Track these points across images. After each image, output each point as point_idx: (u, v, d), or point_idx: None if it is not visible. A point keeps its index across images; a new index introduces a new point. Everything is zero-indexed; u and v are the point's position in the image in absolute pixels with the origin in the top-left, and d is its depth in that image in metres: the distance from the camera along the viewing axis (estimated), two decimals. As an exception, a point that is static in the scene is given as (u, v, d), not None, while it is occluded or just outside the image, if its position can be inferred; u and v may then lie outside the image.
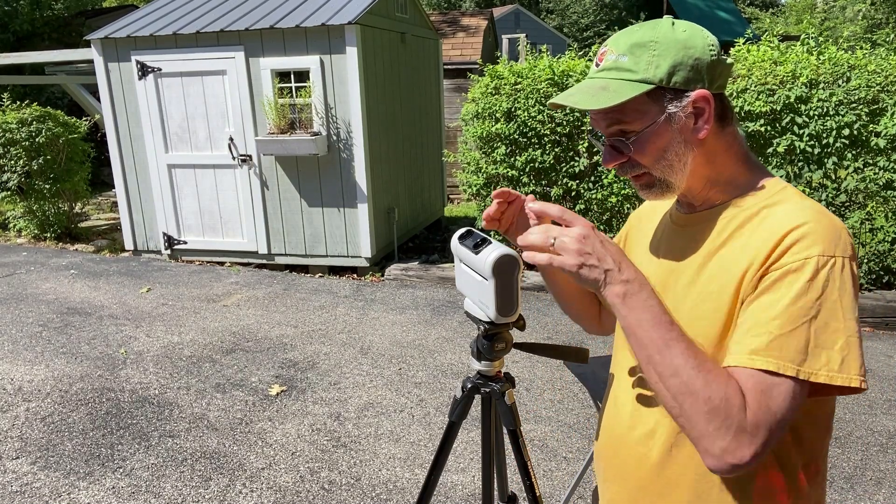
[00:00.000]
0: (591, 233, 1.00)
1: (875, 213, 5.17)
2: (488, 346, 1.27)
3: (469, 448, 3.35)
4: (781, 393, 0.93)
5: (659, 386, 0.98)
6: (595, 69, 1.09)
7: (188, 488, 3.05)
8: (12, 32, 13.28)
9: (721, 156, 1.09)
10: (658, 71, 1.02)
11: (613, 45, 1.07)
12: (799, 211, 1.01)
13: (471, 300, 1.27)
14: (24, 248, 7.78)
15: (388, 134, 6.82)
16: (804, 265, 0.95)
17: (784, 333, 0.94)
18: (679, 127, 1.04)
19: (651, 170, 1.07)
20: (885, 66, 4.99)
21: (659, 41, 1.03)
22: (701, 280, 1.07)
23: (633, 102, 1.02)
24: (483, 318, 1.24)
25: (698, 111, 1.04)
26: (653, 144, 1.05)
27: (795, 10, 25.96)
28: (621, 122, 1.05)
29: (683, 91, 1.03)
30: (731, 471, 0.94)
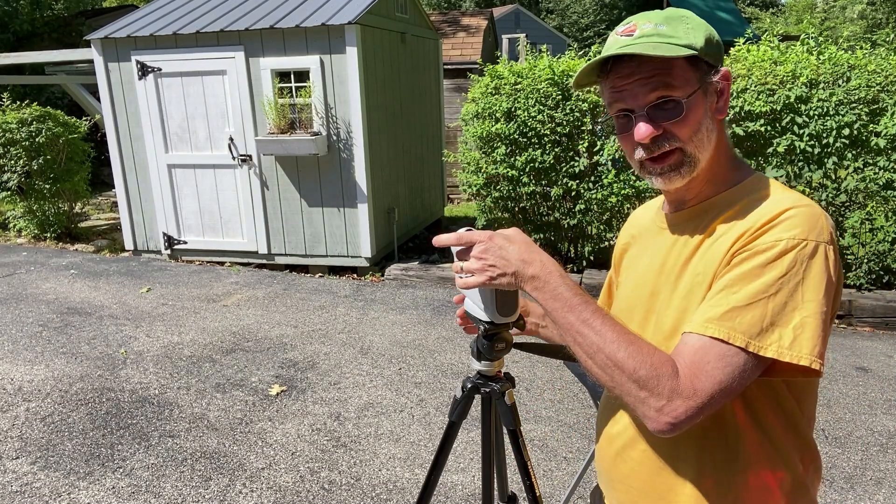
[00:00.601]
0: (489, 242, 1.03)
1: (875, 213, 5.17)
2: (488, 346, 1.28)
3: (469, 448, 3.35)
4: (724, 359, 0.95)
5: (588, 363, 1.00)
6: (627, 39, 1.06)
7: (188, 488, 3.05)
8: (12, 32, 13.28)
9: (719, 145, 1.11)
10: (697, 40, 1.04)
11: (644, 19, 1.08)
12: (781, 200, 1.03)
13: (470, 300, 1.27)
14: (24, 248, 7.78)
15: (388, 134, 6.82)
16: (773, 246, 0.97)
17: (741, 306, 0.96)
18: (709, 103, 1.07)
19: (686, 143, 1.06)
20: (885, 66, 4.99)
21: (689, 17, 1.07)
22: (688, 272, 1.09)
23: (679, 67, 1.03)
24: (483, 319, 1.24)
25: (722, 89, 1.07)
26: (694, 114, 1.05)
27: (795, 10, 25.96)
28: (669, 85, 1.03)
29: (713, 66, 1.07)
30: (670, 430, 0.96)
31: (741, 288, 0.97)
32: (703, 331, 0.97)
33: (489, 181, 5.93)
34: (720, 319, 0.96)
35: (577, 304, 1.01)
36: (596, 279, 5.72)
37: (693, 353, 0.97)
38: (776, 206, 1.01)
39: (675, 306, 1.09)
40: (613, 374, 0.97)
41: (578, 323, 1.00)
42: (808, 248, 0.97)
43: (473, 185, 5.97)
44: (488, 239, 1.04)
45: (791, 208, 1.00)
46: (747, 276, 0.97)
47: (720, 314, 0.97)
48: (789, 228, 0.97)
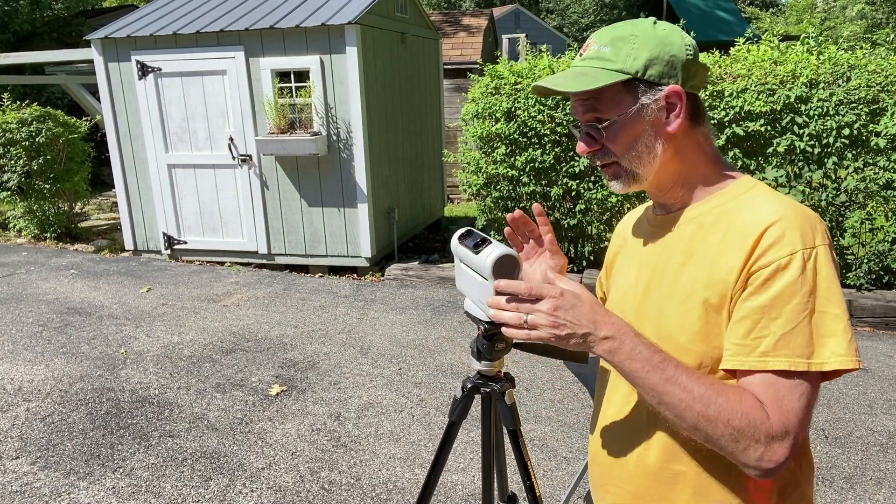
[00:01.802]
0: (561, 300, 1.01)
1: (875, 213, 5.17)
2: (488, 346, 1.27)
3: (469, 448, 3.35)
4: (797, 389, 0.97)
5: (677, 423, 1.00)
6: (579, 59, 1.13)
7: (188, 488, 3.05)
8: (12, 32, 13.28)
9: (692, 153, 1.12)
10: (635, 63, 1.06)
11: (597, 38, 1.12)
12: (772, 206, 1.04)
13: (471, 300, 1.27)
14: (24, 248, 7.78)
15: (388, 134, 6.82)
16: (791, 261, 0.98)
17: (788, 331, 0.97)
18: (651, 119, 1.08)
19: (620, 159, 1.10)
20: (885, 66, 4.99)
21: (638, 35, 1.08)
22: (683, 279, 1.09)
23: (608, 91, 1.07)
24: (483, 319, 1.24)
25: (670, 106, 1.08)
26: (624, 134, 1.08)
27: (795, 10, 25.96)
28: (597, 109, 1.09)
29: (657, 84, 1.07)
30: (772, 473, 0.97)
31: (779, 313, 0.97)
32: (764, 366, 0.97)
33: (489, 181, 5.93)
34: (775, 350, 0.97)
35: (658, 362, 1.00)
36: (596, 279, 5.72)
37: (765, 392, 0.98)
38: (770, 214, 1.02)
39: (674, 311, 1.09)
40: (707, 430, 0.97)
41: (662, 382, 0.99)
42: (820, 255, 0.99)
43: (473, 185, 5.97)
44: (559, 295, 1.01)
45: (785, 216, 1.01)
46: (779, 299, 0.98)
47: (773, 345, 0.97)
48: (795, 238, 0.99)
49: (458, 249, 1.27)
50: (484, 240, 1.22)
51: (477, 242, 1.21)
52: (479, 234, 1.25)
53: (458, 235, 1.28)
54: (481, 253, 1.19)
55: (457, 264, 1.31)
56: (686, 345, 1.07)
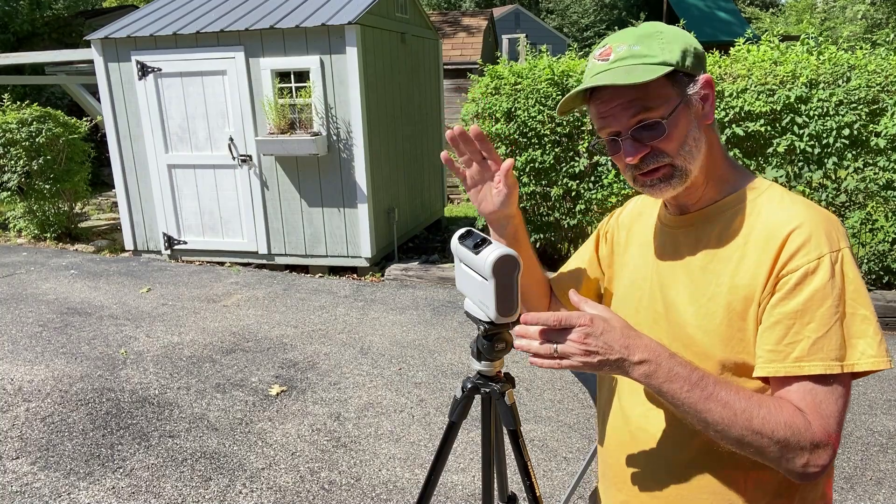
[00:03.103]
0: (591, 327, 0.98)
1: (875, 213, 5.17)
2: (488, 346, 1.27)
3: (469, 448, 3.35)
4: (834, 393, 0.98)
5: (719, 438, 0.99)
6: (604, 63, 1.08)
7: (188, 488, 3.05)
8: (12, 33, 13.28)
9: (712, 149, 1.12)
10: (672, 55, 1.05)
11: (618, 41, 1.09)
12: (793, 209, 1.04)
13: (471, 300, 1.27)
14: (24, 248, 7.78)
15: (388, 134, 6.82)
16: (819, 265, 0.98)
17: (821, 336, 0.97)
18: (694, 112, 1.07)
19: (675, 158, 1.07)
20: (885, 66, 4.99)
21: (664, 32, 1.08)
22: (704, 282, 1.08)
23: (656, 87, 1.04)
24: (483, 319, 1.24)
25: (705, 96, 1.08)
26: (678, 129, 1.06)
27: (795, 10, 25.96)
28: (647, 108, 1.05)
29: (694, 75, 1.07)
30: (815, 477, 0.98)
31: (811, 317, 0.98)
32: (800, 371, 0.98)
33: (489, 181, 5.91)
34: (810, 355, 0.98)
35: (697, 379, 0.98)
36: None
37: (803, 398, 0.98)
38: (792, 218, 1.02)
39: (694, 315, 1.08)
40: (753, 443, 0.97)
41: (703, 400, 0.97)
42: (845, 257, 1.00)
43: (473, 185, 5.96)
44: (589, 322, 0.98)
45: (806, 220, 1.01)
46: (811, 304, 0.98)
47: (807, 349, 0.98)
48: (820, 241, 0.99)
49: (458, 249, 1.26)
50: (484, 240, 1.21)
51: (477, 242, 1.21)
52: (479, 234, 1.24)
53: (458, 236, 1.28)
54: (481, 253, 1.18)
55: (457, 264, 1.31)
56: (706, 349, 1.07)
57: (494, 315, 1.20)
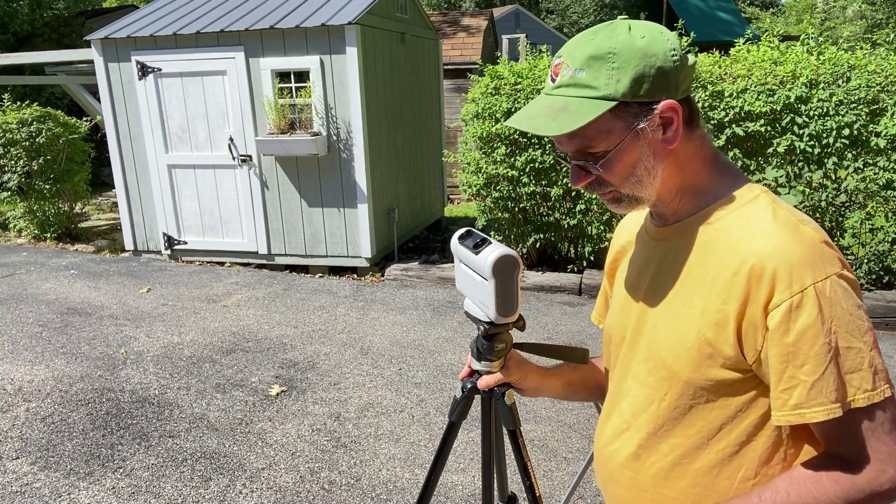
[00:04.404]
0: None
1: (875, 213, 5.17)
2: (488, 346, 1.27)
3: (469, 448, 3.35)
4: (854, 426, 0.94)
5: None
6: (551, 85, 1.02)
7: (188, 488, 3.05)
8: (12, 33, 13.27)
9: (690, 161, 1.05)
10: (620, 85, 0.96)
11: (568, 58, 0.99)
12: (774, 230, 0.96)
13: (471, 300, 1.27)
14: (24, 248, 7.78)
15: (389, 134, 6.82)
16: (803, 298, 0.92)
17: (818, 378, 0.93)
18: (648, 141, 0.99)
19: (619, 187, 1.03)
20: (885, 66, 4.99)
21: (618, 52, 0.96)
22: (678, 301, 1.05)
23: (596, 122, 0.96)
24: (483, 319, 1.24)
25: (666, 121, 0.99)
26: (621, 163, 1.00)
27: (795, 10, 25.96)
28: (587, 144, 1.00)
29: (650, 103, 0.97)
30: None
31: (805, 359, 0.93)
32: (801, 419, 0.95)
33: (489, 181, 5.93)
34: (808, 401, 0.94)
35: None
36: (596, 279, 5.72)
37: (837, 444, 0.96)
38: (773, 242, 0.95)
39: (668, 335, 1.06)
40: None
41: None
42: (831, 285, 0.93)
43: (473, 185, 5.97)
44: None
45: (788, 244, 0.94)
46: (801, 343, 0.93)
47: (805, 395, 0.93)
48: (802, 270, 0.93)
49: (458, 249, 1.26)
50: (484, 240, 1.21)
51: (477, 243, 1.20)
52: (479, 234, 1.24)
53: (458, 236, 1.27)
54: (481, 253, 1.18)
55: (456, 264, 1.31)
56: (675, 371, 1.04)
57: (494, 315, 1.19)
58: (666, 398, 1.07)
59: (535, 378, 1.32)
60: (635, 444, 1.12)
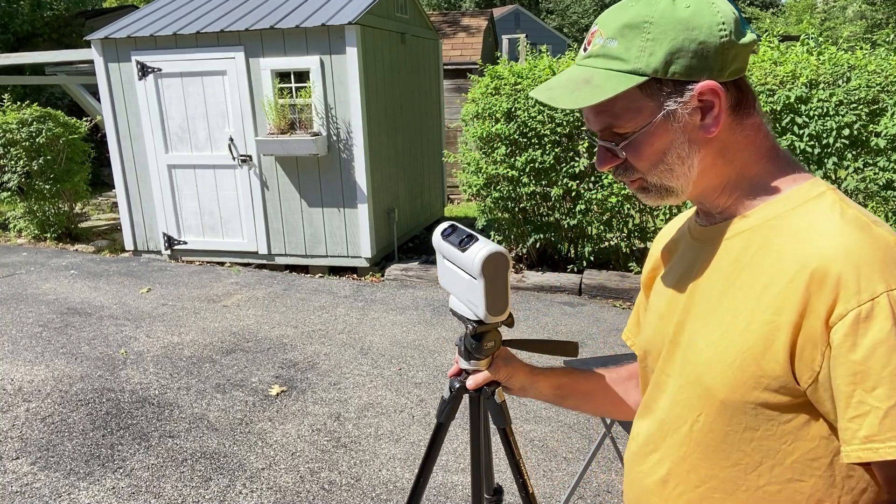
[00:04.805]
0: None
1: (875, 212, 5.17)
2: (477, 345, 1.22)
3: (469, 448, 3.35)
4: None
5: None
6: (582, 55, 0.92)
7: (188, 488, 3.05)
8: (12, 33, 13.27)
9: (740, 153, 0.92)
10: (652, 59, 0.85)
11: (603, 26, 0.90)
12: (840, 230, 0.83)
13: (457, 298, 1.22)
14: (24, 248, 7.78)
15: (389, 134, 6.82)
16: (873, 308, 0.77)
17: (893, 404, 0.77)
18: (682, 125, 0.88)
19: (647, 175, 0.93)
20: (885, 66, 5.00)
21: (655, 21, 0.85)
22: (721, 310, 0.91)
23: (623, 99, 0.87)
24: (471, 317, 1.19)
25: (706, 105, 0.87)
26: (649, 147, 0.89)
27: (795, 10, 25.97)
28: (613, 122, 0.90)
29: (685, 83, 0.86)
30: None
31: (877, 381, 0.78)
32: (875, 456, 0.79)
33: (489, 181, 5.93)
34: (881, 432, 0.78)
35: None
36: (596, 279, 5.72)
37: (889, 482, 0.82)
38: (836, 243, 0.82)
39: (705, 349, 0.92)
40: None
41: None
42: None
43: (473, 185, 5.98)
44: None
45: (854, 245, 0.81)
46: (872, 362, 0.78)
47: (878, 425, 0.78)
48: (871, 275, 0.79)
49: (442, 246, 1.21)
50: (470, 236, 1.16)
51: (463, 239, 1.16)
52: (463, 229, 1.19)
53: (442, 231, 1.22)
54: (469, 251, 1.13)
55: (440, 261, 1.26)
56: (712, 390, 0.90)
57: (484, 314, 1.15)
58: (700, 420, 0.93)
59: (523, 377, 1.27)
60: (665, 469, 1.00)
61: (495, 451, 3.07)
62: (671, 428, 0.98)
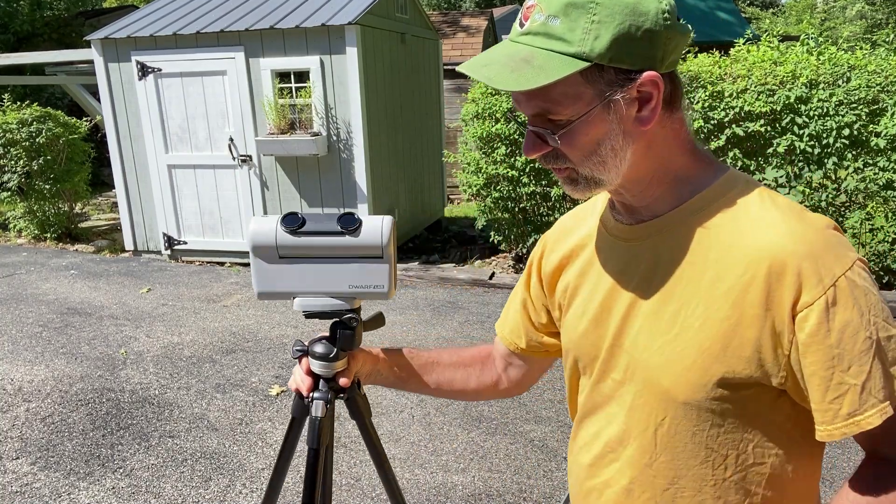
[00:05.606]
0: None
1: (875, 213, 5.17)
2: (351, 335, 1.12)
3: (469, 448, 3.35)
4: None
5: None
6: (518, 30, 0.85)
7: (188, 488, 3.05)
8: (12, 33, 13.28)
9: (666, 146, 0.89)
10: (597, 44, 0.80)
11: (543, 1, 0.83)
12: (783, 222, 0.84)
13: (318, 295, 1.11)
14: (24, 248, 7.78)
15: (389, 134, 6.82)
16: (836, 292, 0.80)
17: (866, 378, 0.81)
18: (619, 116, 0.83)
19: (577, 166, 0.87)
20: (885, 66, 5.00)
21: (601, 2, 0.80)
22: (669, 310, 0.89)
23: (563, 84, 0.81)
24: (345, 308, 1.10)
25: (644, 96, 0.83)
26: (584, 136, 0.84)
27: (795, 10, 25.98)
28: (548, 108, 0.84)
29: (628, 72, 0.82)
30: None
31: (850, 360, 0.81)
32: (858, 429, 0.83)
33: (489, 181, 5.93)
34: (861, 407, 0.82)
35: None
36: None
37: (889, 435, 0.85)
38: (785, 235, 0.83)
39: (657, 351, 0.90)
40: None
41: None
42: (857, 270, 0.83)
43: (473, 185, 5.98)
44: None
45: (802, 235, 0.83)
46: (843, 343, 0.81)
47: (857, 401, 0.82)
48: (827, 260, 0.81)
49: (299, 241, 1.07)
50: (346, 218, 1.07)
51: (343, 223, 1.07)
52: (311, 215, 1.09)
53: (283, 224, 1.08)
54: (362, 232, 1.06)
55: (271, 265, 1.10)
56: (673, 394, 0.89)
57: (388, 290, 1.09)
58: (665, 423, 0.92)
59: (370, 362, 1.22)
60: (628, 478, 0.97)
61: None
62: (632, 435, 0.96)
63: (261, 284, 1.11)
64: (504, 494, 2.98)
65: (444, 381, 1.25)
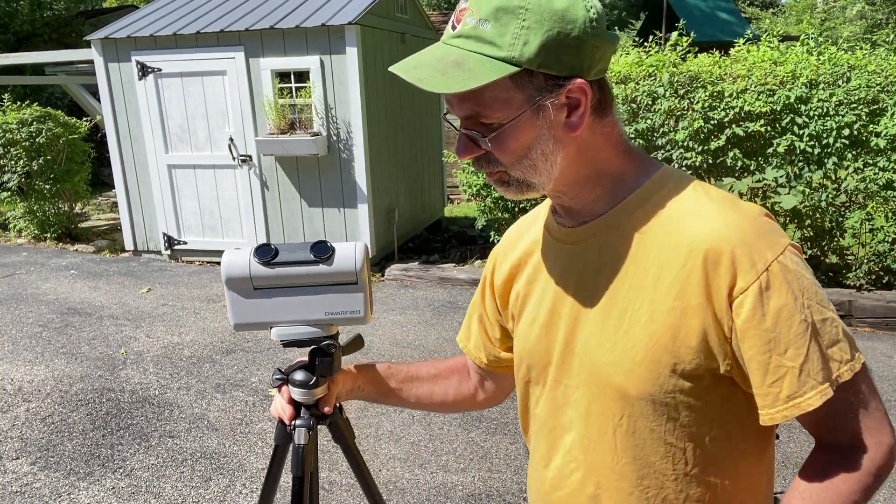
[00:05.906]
0: None
1: (875, 213, 5.17)
2: (329, 361, 1.13)
3: (469, 448, 3.35)
4: (847, 404, 0.87)
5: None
6: (450, 32, 0.87)
7: (188, 488, 3.05)
8: (12, 33, 13.28)
9: (599, 150, 0.91)
10: (526, 49, 0.81)
11: (474, 4, 0.84)
12: (713, 214, 0.87)
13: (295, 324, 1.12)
14: (24, 248, 7.78)
15: (389, 134, 6.82)
16: (769, 277, 0.83)
17: (804, 360, 0.83)
18: (548, 121, 0.85)
19: (508, 168, 0.89)
20: (885, 67, 5.00)
21: (530, 8, 0.81)
22: (617, 308, 0.91)
23: (493, 88, 0.82)
24: (322, 335, 1.12)
25: (572, 103, 0.85)
26: (515, 141, 0.86)
27: (795, 10, 25.98)
28: (478, 111, 0.85)
29: (557, 78, 0.83)
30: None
31: (786, 344, 0.84)
32: (798, 410, 0.84)
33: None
34: (801, 389, 0.84)
35: None
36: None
37: (832, 419, 0.87)
38: (719, 225, 0.86)
39: (609, 349, 0.91)
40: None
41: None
42: (789, 256, 0.85)
43: (473, 185, 5.97)
44: None
45: (735, 224, 0.86)
46: (779, 327, 0.83)
47: (795, 383, 0.84)
48: (759, 247, 0.84)
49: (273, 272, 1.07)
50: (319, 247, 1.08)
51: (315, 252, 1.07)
52: (282, 245, 1.09)
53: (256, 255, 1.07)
54: (335, 259, 1.06)
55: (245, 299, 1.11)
56: (627, 390, 0.90)
57: (365, 315, 1.10)
58: (623, 423, 0.92)
59: (350, 380, 1.23)
60: (593, 485, 0.97)
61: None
62: (592, 440, 0.96)
63: (237, 317, 1.12)
64: (504, 494, 2.97)
65: (423, 394, 1.28)
